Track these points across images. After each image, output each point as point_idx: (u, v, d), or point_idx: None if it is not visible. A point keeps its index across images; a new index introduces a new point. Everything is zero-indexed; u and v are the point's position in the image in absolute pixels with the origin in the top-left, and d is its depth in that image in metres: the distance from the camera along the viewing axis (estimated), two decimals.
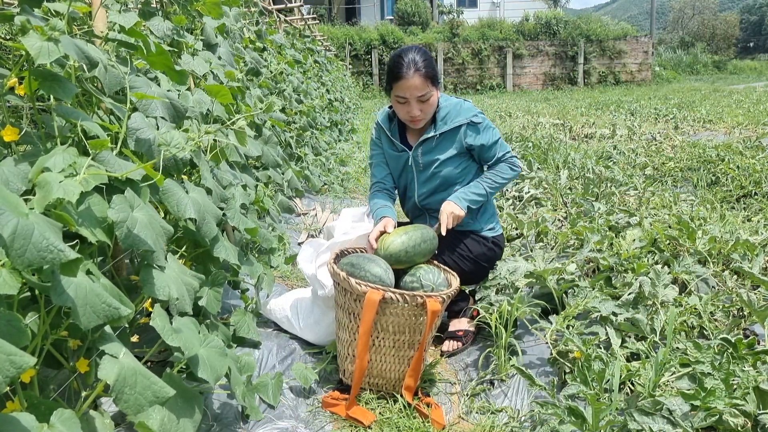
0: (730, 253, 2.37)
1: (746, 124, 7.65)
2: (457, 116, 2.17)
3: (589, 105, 12.20)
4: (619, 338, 1.79)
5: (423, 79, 2.05)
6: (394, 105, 2.17)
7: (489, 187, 2.21)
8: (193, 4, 2.13)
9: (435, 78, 2.11)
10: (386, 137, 2.31)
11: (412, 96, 2.07)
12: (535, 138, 6.56)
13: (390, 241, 1.94)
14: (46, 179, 0.90)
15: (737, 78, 22.73)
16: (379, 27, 19.55)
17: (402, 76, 2.05)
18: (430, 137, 2.20)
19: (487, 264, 2.25)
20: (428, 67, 2.08)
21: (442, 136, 2.19)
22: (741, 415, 1.35)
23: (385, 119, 2.32)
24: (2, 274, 0.80)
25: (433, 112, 2.17)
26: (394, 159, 2.31)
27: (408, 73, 2.04)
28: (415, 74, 2.04)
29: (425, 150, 2.21)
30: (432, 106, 2.14)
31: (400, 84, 2.07)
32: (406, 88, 2.06)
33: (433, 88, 2.10)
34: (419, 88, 2.06)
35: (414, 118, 2.13)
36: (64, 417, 0.87)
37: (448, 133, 2.19)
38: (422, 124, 2.19)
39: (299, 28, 7.57)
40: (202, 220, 1.36)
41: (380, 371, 1.86)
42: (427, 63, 2.08)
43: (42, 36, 1.02)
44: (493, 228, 2.32)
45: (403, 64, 2.06)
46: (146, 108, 1.39)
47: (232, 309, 2.00)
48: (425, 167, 2.23)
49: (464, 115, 2.17)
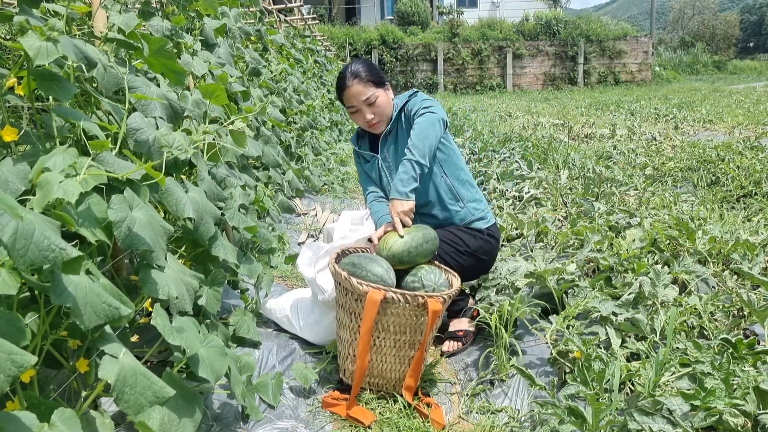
0: (730, 253, 2.37)
1: (746, 124, 7.65)
2: (412, 107, 2.19)
3: (589, 105, 12.20)
4: (619, 338, 1.79)
5: (363, 83, 2.15)
6: (348, 115, 2.27)
7: (412, 154, 2.01)
8: (193, 4, 2.13)
9: (377, 81, 2.18)
10: (359, 154, 2.39)
11: (359, 102, 2.17)
12: (535, 138, 6.55)
13: (393, 241, 1.94)
14: (46, 179, 0.90)
15: (737, 78, 22.74)
16: (379, 27, 19.55)
17: (344, 86, 2.17)
18: (386, 133, 2.26)
19: (486, 256, 2.25)
20: (367, 71, 2.17)
21: (395, 127, 2.25)
22: (741, 415, 1.35)
23: (355, 138, 2.43)
24: (2, 274, 0.80)
25: (388, 114, 2.23)
26: (370, 168, 2.37)
27: (348, 82, 2.16)
28: (354, 81, 2.15)
29: (387, 147, 2.27)
30: (383, 107, 2.20)
31: (345, 94, 2.18)
32: (351, 97, 2.17)
33: (377, 89, 2.17)
34: (362, 93, 2.15)
35: (370, 123, 2.20)
36: (65, 416, 0.87)
37: (400, 123, 2.24)
38: (382, 127, 2.24)
39: (299, 28, 7.57)
40: (200, 219, 1.36)
41: (381, 371, 1.86)
42: (366, 68, 2.18)
43: (41, 36, 1.02)
44: (485, 218, 2.29)
45: (345, 76, 2.18)
46: (145, 108, 1.39)
47: (231, 309, 2.00)
48: (395, 164, 2.26)
49: (416, 104, 2.18)
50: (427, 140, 2.03)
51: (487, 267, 2.29)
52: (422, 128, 2.05)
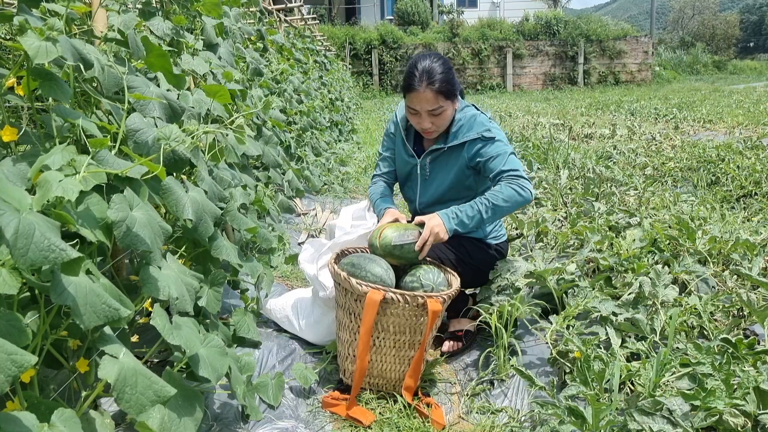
0: (730, 253, 2.37)
1: (746, 124, 7.65)
2: (469, 131, 2.08)
3: (589, 105, 12.20)
4: (619, 338, 1.79)
5: (434, 93, 1.96)
6: (407, 113, 2.11)
7: (485, 210, 1.94)
8: (194, 4, 2.13)
9: (450, 92, 2.00)
10: (400, 137, 2.26)
11: (423, 109, 2.01)
12: (535, 138, 6.56)
13: (385, 233, 1.92)
14: (46, 178, 0.90)
15: (737, 78, 22.74)
16: (379, 27, 19.56)
17: (413, 87, 1.97)
18: (438, 149, 2.14)
19: (487, 269, 2.23)
20: (443, 81, 1.97)
21: (450, 149, 2.12)
22: (741, 415, 1.35)
23: (404, 118, 2.24)
24: (2, 274, 0.80)
25: (447, 125, 2.09)
26: (402, 161, 2.29)
27: (420, 86, 1.96)
28: (426, 88, 1.96)
29: (432, 160, 2.17)
30: (445, 120, 2.06)
31: (411, 96, 2.01)
32: (417, 101, 2.00)
33: (447, 102, 2.01)
34: (430, 102, 1.98)
35: (425, 131, 2.08)
36: (65, 416, 0.87)
37: (457, 147, 2.11)
38: (435, 135, 2.12)
39: (299, 28, 7.58)
40: (199, 219, 1.36)
41: (380, 371, 1.86)
42: (443, 76, 1.97)
43: (40, 36, 1.02)
44: (497, 235, 2.28)
45: (416, 76, 1.97)
46: (143, 108, 1.39)
47: (232, 309, 2.00)
48: (431, 177, 2.20)
49: (476, 130, 2.07)
50: (501, 215, 1.98)
51: (486, 279, 2.23)
52: (511, 202, 1.94)
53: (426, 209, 2.24)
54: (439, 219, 1.95)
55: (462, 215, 1.96)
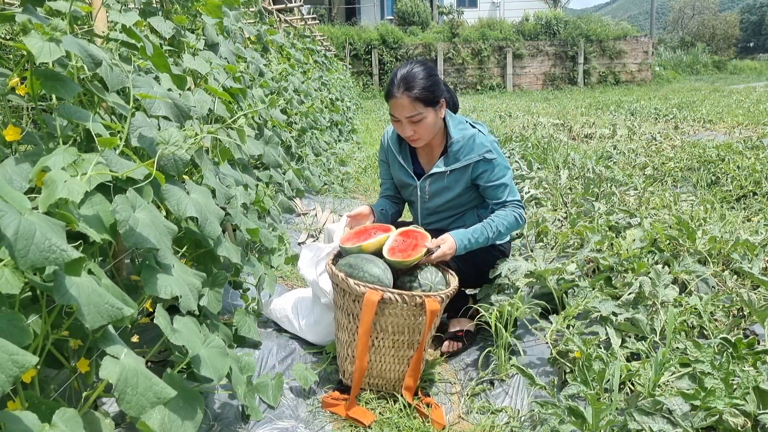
0: (730, 253, 2.37)
1: (746, 124, 7.66)
2: (470, 152, 2.09)
3: (589, 105, 12.20)
4: (619, 338, 1.79)
5: (411, 100, 1.95)
6: (391, 121, 2.11)
7: (491, 235, 2.08)
8: (194, 4, 2.13)
9: (429, 99, 1.98)
10: (395, 160, 2.25)
11: (401, 116, 1.99)
12: (535, 138, 6.56)
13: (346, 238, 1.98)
14: (51, 178, 0.90)
15: (737, 78, 22.73)
16: (378, 27, 19.55)
17: (392, 94, 1.98)
18: (440, 172, 2.14)
19: (489, 269, 2.23)
20: (422, 87, 1.95)
21: (452, 173, 2.13)
22: (741, 414, 1.35)
23: (395, 140, 2.24)
24: (4, 274, 0.80)
25: (432, 133, 2.07)
26: (402, 183, 2.29)
27: (397, 92, 1.96)
28: (403, 95, 1.95)
29: (433, 182, 2.17)
30: (428, 128, 2.03)
31: (390, 102, 2.01)
32: (395, 108, 1.99)
33: (426, 109, 1.98)
34: (407, 109, 1.97)
35: (408, 138, 2.07)
36: (66, 416, 0.87)
37: (458, 170, 2.12)
38: (421, 143, 2.10)
39: (299, 28, 7.58)
40: (204, 220, 1.36)
41: (380, 371, 1.86)
42: (423, 83, 1.95)
43: (44, 35, 1.02)
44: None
45: (395, 83, 1.96)
46: (149, 107, 1.39)
47: (232, 309, 2.00)
48: (431, 198, 2.21)
49: (477, 151, 2.08)
50: (501, 237, 2.14)
51: (487, 279, 2.24)
52: (510, 229, 2.12)
53: (428, 224, 2.27)
54: (453, 243, 2.00)
55: (473, 241, 2.05)
